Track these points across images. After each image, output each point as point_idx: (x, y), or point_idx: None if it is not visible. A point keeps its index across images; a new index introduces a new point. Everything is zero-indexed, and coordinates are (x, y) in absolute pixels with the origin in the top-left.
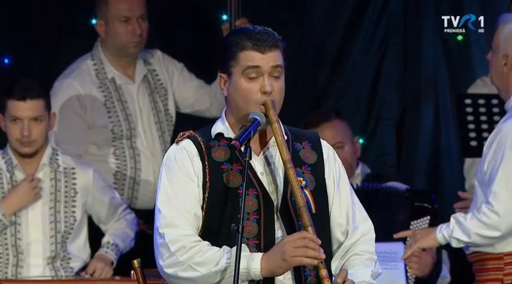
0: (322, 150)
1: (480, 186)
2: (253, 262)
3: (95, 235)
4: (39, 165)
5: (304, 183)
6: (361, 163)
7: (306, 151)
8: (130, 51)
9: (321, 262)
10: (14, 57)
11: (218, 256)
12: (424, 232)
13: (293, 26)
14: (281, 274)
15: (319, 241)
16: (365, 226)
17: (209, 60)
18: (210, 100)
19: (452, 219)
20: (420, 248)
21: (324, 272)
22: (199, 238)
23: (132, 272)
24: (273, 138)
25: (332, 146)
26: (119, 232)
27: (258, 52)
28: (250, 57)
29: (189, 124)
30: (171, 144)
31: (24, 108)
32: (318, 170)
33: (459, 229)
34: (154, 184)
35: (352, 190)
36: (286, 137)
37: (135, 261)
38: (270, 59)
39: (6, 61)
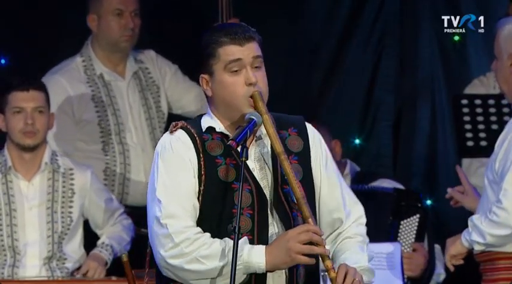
0: (308, 135)
1: (491, 185)
2: (256, 255)
3: (91, 238)
4: (41, 164)
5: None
6: (350, 162)
7: (293, 138)
8: (122, 45)
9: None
10: (11, 58)
11: (224, 250)
12: (451, 239)
13: (290, 27)
14: (284, 269)
15: (323, 232)
16: (356, 210)
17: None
18: (201, 103)
19: (469, 222)
20: (451, 255)
21: (329, 263)
22: (200, 230)
23: None
24: (261, 130)
25: None
26: (114, 235)
27: (236, 45)
28: (230, 51)
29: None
30: None
31: (28, 98)
32: (304, 158)
33: (476, 232)
34: (146, 180)
35: (340, 173)
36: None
37: (123, 255)
38: (249, 50)
39: (2, 62)
